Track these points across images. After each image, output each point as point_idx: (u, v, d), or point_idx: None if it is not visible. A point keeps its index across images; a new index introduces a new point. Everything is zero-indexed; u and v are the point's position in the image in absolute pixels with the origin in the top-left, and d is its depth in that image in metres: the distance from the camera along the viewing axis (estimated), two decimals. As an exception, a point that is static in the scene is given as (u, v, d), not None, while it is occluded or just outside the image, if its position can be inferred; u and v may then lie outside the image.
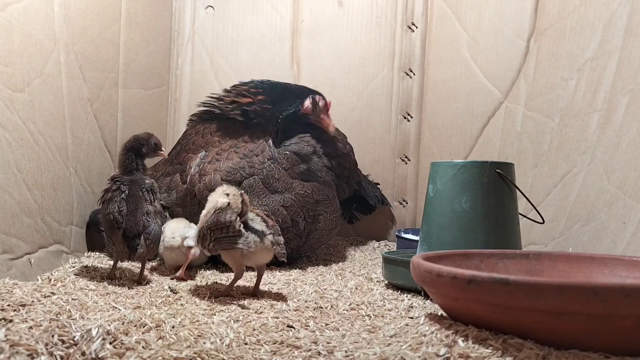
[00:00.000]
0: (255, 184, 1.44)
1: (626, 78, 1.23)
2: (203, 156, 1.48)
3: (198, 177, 1.43)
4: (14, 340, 0.64)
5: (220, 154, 1.46)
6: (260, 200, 1.42)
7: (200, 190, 1.41)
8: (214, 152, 1.47)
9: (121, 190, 1.17)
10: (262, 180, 1.45)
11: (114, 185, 1.19)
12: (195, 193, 1.42)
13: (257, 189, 1.44)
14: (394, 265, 1.20)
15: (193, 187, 1.42)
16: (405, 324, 0.85)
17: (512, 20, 1.66)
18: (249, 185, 1.43)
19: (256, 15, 2.10)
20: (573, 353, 0.67)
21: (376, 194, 1.95)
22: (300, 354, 0.71)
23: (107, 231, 1.18)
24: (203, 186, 1.41)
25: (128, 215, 1.14)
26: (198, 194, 1.41)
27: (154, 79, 1.94)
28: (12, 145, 1.12)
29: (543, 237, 1.39)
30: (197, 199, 1.41)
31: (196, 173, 1.44)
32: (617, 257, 0.95)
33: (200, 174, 1.43)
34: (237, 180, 1.42)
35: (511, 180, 1.17)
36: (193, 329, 0.80)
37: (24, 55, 1.18)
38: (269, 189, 1.44)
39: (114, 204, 1.15)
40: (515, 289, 0.68)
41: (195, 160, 1.47)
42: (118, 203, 1.15)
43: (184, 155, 1.51)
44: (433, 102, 1.98)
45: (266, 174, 1.45)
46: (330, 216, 1.55)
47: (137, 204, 1.16)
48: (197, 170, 1.44)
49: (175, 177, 1.48)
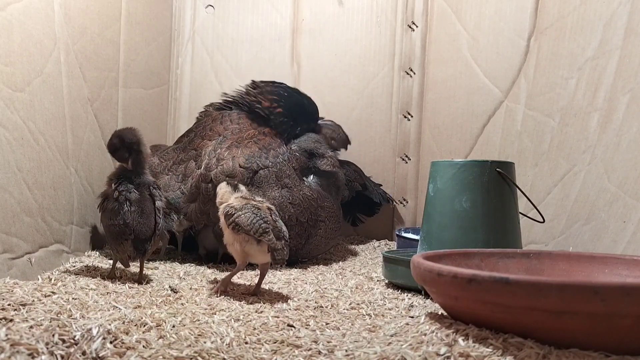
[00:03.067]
0: (269, 176, 1.45)
1: (626, 77, 1.23)
2: (221, 140, 1.49)
3: (215, 161, 1.43)
4: (15, 340, 0.64)
5: (240, 142, 1.48)
6: (272, 192, 1.43)
7: (216, 175, 1.41)
8: (233, 139, 1.48)
9: (126, 198, 1.13)
10: (276, 173, 1.46)
11: (116, 192, 1.14)
12: (211, 178, 1.41)
13: (271, 181, 1.45)
14: (395, 264, 1.20)
15: (209, 172, 1.42)
16: (405, 323, 0.85)
17: (512, 20, 1.66)
18: (263, 175, 1.45)
19: (256, 14, 2.10)
20: (573, 352, 0.67)
21: (380, 192, 1.96)
22: (300, 353, 0.71)
23: (112, 242, 1.14)
24: (220, 171, 1.41)
25: (138, 223, 1.11)
26: (214, 178, 1.40)
27: (154, 79, 1.94)
28: (12, 145, 1.12)
29: (543, 236, 1.39)
30: (213, 184, 1.39)
31: (213, 158, 1.44)
32: (617, 256, 0.95)
33: (217, 158, 1.43)
34: (253, 168, 1.44)
35: (511, 180, 1.17)
36: (193, 328, 0.80)
37: (24, 54, 1.18)
38: (280, 183, 1.46)
39: (121, 215, 1.11)
40: (515, 288, 0.68)
41: (211, 147, 1.48)
42: (124, 215, 1.11)
43: (199, 142, 1.51)
44: (433, 101, 1.98)
45: (279, 168, 1.47)
46: (332, 225, 1.55)
47: (145, 207, 1.13)
48: (214, 155, 1.44)
49: (190, 163, 1.48)
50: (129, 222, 1.11)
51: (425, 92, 2.02)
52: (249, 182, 1.43)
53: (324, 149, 1.61)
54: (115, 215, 1.12)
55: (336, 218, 1.58)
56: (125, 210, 1.12)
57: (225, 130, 1.52)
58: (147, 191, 1.17)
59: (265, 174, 1.45)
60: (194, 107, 2.01)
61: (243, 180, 1.39)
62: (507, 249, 1.06)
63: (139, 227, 1.12)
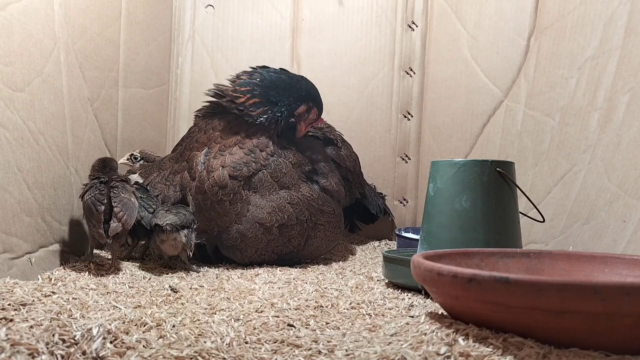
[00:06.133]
0: (264, 178, 1.43)
1: (626, 77, 1.23)
2: (206, 152, 1.45)
3: (206, 173, 1.41)
4: (15, 340, 0.64)
5: (224, 149, 1.44)
6: (270, 195, 1.42)
7: (210, 187, 1.39)
8: (216, 148, 1.45)
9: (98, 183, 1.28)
10: (271, 174, 1.44)
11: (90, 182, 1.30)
12: (205, 190, 1.40)
13: (267, 183, 1.43)
14: (395, 264, 1.20)
15: (203, 184, 1.41)
16: (405, 323, 0.85)
17: (512, 19, 1.66)
18: (258, 179, 1.42)
19: (256, 14, 2.10)
20: (573, 352, 0.67)
21: (379, 203, 1.93)
22: (300, 352, 0.71)
23: (86, 216, 1.26)
24: (212, 182, 1.39)
25: (106, 201, 1.23)
26: (208, 190, 1.39)
27: (154, 78, 1.94)
28: (12, 145, 1.12)
29: (543, 236, 1.39)
30: (208, 195, 1.39)
31: (203, 170, 1.42)
32: (617, 256, 0.95)
33: (207, 170, 1.42)
34: (244, 175, 1.40)
35: (511, 179, 1.17)
36: (194, 328, 0.80)
37: (24, 54, 1.18)
38: (277, 183, 1.44)
39: (91, 192, 1.25)
40: (515, 288, 0.68)
41: (200, 158, 1.45)
42: (95, 191, 1.24)
43: (189, 154, 1.49)
44: (433, 100, 1.98)
45: (274, 167, 1.44)
46: (333, 230, 1.54)
47: (109, 190, 1.26)
48: (204, 167, 1.42)
49: (185, 174, 1.46)
50: (97, 198, 1.23)
51: (425, 91, 2.02)
52: (246, 188, 1.41)
53: (326, 168, 1.57)
54: (84, 194, 1.26)
55: (337, 221, 1.56)
56: (93, 190, 1.25)
57: (209, 140, 1.47)
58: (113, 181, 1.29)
59: (260, 177, 1.42)
60: (194, 107, 1.99)
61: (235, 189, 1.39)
62: (507, 248, 1.06)
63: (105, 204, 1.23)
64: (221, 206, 1.40)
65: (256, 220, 1.41)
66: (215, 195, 1.39)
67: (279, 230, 1.42)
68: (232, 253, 1.43)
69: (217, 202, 1.39)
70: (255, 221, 1.41)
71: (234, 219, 1.41)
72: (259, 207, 1.41)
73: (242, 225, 1.40)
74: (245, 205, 1.41)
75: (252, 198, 1.42)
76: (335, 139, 1.75)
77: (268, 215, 1.41)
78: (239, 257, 1.43)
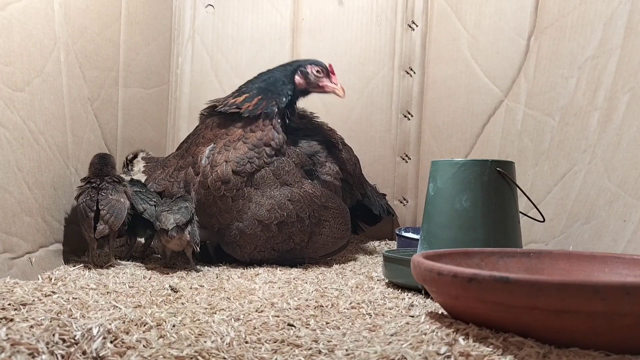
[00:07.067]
0: (266, 175, 1.43)
1: (627, 76, 1.23)
2: (212, 148, 1.46)
3: (210, 168, 1.41)
4: (15, 339, 0.64)
5: (229, 145, 1.44)
6: (271, 191, 1.42)
7: (213, 181, 1.40)
8: (221, 144, 1.45)
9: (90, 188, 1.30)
10: (273, 172, 1.44)
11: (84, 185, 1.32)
12: (208, 185, 1.40)
13: (269, 180, 1.43)
14: (395, 263, 1.20)
15: (206, 179, 1.41)
16: (405, 323, 0.85)
17: (512, 19, 1.66)
18: (260, 177, 1.43)
19: (256, 14, 2.10)
20: (573, 351, 0.67)
21: (381, 204, 1.93)
22: (300, 352, 0.71)
23: (80, 220, 1.28)
24: (216, 177, 1.40)
25: (95, 207, 1.25)
26: (211, 185, 1.40)
27: (154, 78, 1.94)
28: (12, 145, 1.12)
29: (543, 236, 1.39)
30: (210, 191, 1.39)
31: (207, 164, 1.42)
32: (617, 256, 0.95)
33: (211, 165, 1.42)
34: (247, 171, 1.41)
35: (512, 179, 1.17)
36: (194, 328, 0.80)
37: (24, 54, 1.18)
38: (279, 181, 1.44)
39: (85, 196, 1.27)
40: (515, 288, 0.68)
41: (205, 153, 1.46)
42: (86, 197, 1.27)
43: (195, 149, 1.49)
44: (433, 100, 1.98)
45: (277, 165, 1.45)
46: (339, 226, 1.53)
47: (97, 193, 1.28)
48: (208, 162, 1.43)
49: (189, 170, 1.46)
50: (88, 202, 1.26)
51: (425, 91, 2.02)
52: (249, 185, 1.42)
53: (324, 157, 1.58)
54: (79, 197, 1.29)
55: (344, 218, 1.55)
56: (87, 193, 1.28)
57: (215, 136, 1.48)
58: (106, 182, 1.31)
59: (262, 175, 1.43)
60: (194, 106, 2.01)
61: (238, 185, 1.39)
62: (507, 248, 1.06)
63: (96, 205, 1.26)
64: (223, 202, 1.40)
65: (255, 217, 1.41)
66: (218, 191, 1.39)
67: (278, 228, 1.43)
68: (231, 249, 1.44)
69: (219, 198, 1.40)
70: (255, 218, 1.41)
71: (235, 216, 1.41)
72: (260, 204, 1.41)
73: (242, 223, 1.41)
74: (246, 202, 1.41)
75: (254, 195, 1.42)
76: (336, 142, 1.75)
77: (267, 213, 1.41)
78: (238, 254, 1.44)
